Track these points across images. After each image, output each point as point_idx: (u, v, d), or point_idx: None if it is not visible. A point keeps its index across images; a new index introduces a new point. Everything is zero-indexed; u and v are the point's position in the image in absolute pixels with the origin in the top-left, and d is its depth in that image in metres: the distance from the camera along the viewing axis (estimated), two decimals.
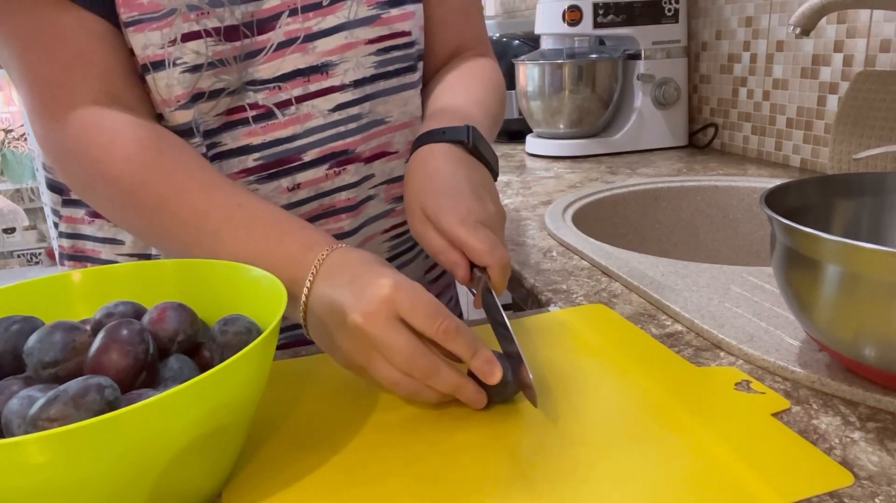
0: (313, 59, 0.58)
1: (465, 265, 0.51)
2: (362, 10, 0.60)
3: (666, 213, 1.05)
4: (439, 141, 0.56)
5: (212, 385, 0.34)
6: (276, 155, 0.59)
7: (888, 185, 0.54)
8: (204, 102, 0.55)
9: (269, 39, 0.56)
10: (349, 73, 0.60)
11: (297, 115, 0.59)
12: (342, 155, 0.61)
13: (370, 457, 0.42)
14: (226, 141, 0.58)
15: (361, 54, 0.60)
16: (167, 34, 0.52)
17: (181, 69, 0.53)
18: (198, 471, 0.36)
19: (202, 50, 0.53)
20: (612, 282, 0.68)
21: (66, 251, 0.66)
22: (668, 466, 0.39)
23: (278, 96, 0.58)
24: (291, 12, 0.57)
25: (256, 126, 0.58)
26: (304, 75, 0.58)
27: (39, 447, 0.29)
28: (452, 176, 0.53)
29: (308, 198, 0.61)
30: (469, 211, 0.50)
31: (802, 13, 0.67)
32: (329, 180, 0.61)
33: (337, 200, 0.62)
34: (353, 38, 0.60)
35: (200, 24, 0.53)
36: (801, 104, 1.13)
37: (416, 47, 0.65)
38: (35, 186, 3.87)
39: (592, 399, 0.46)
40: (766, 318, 0.55)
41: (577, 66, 1.32)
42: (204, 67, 0.54)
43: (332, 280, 0.46)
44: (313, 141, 0.60)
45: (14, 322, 0.41)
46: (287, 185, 0.60)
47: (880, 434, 0.41)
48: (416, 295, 0.43)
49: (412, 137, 0.67)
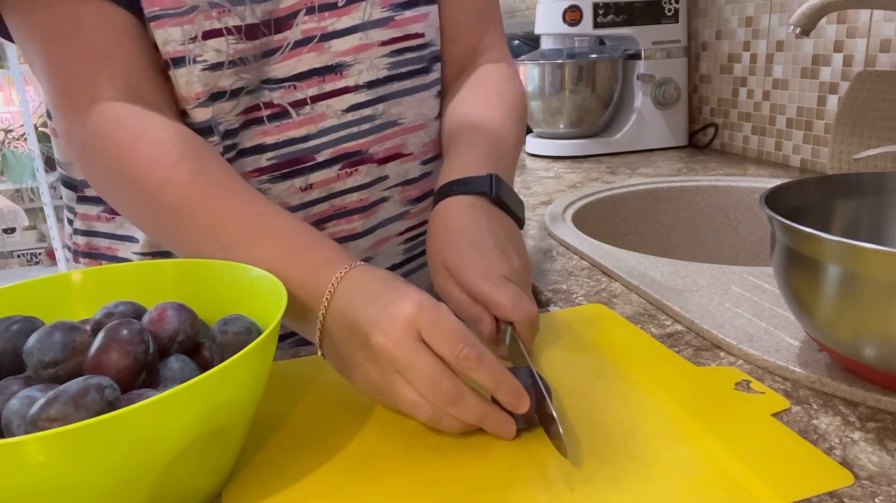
0: (328, 59, 0.58)
1: (491, 320, 0.49)
2: (376, 11, 0.60)
3: (666, 213, 1.05)
4: (461, 193, 0.55)
5: (212, 385, 0.34)
6: (290, 154, 0.59)
7: (888, 185, 0.54)
8: (226, 101, 0.55)
9: (285, 38, 0.56)
10: (363, 74, 0.60)
11: (312, 115, 0.59)
12: (355, 156, 0.61)
13: (370, 457, 0.42)
14: (241, 140, 0.57)
15: (375, 56, 0.60)
16: (188, 31, 0.51)
17: (201, 66, 0.52)
18: (198, 471, 0.36)
19: (223, 48, 0.53)
20: (612, 282, 0.68)
21: (81, 248, 0.66)
22: (667, 466, 0.39)
23: (293, 95, 0.58)
24: (308, 10, 0.56)
25: (271, 125, 0.58)
26: (320, 75, 0.58)
27: (39, 447, 0.29)
28: (475, 230, 0.52)
29: (320, 198, 0.61)
30: (493, 266, 0.50)
31: (802, 13, 0.67)
32: (341, 180, 0.61)
33: (349, 201, 0.62)
34: (367, 40, 0.59)
35: (222, 22, 0.52)
36: (801, 104, 1.13)
37: (430, 49, 0.64)
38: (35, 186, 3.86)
39: (592, 399, 0.46)
40: (766, 318, 0.55)
41: (577, 66, 1.32)
42: (225, 66, 0.53)
43: (352, 298, 0.44)
44: (327, 141, 0.60)
45: (14, 322, 0.41)
46: (300, 184, 0.60)
47: (880, 434, 0.41)
48: (438, 317, 0.41)
49: (427, 139, 0.67)
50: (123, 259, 0.63)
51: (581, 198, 0.98)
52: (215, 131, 0.55)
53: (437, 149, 0.69)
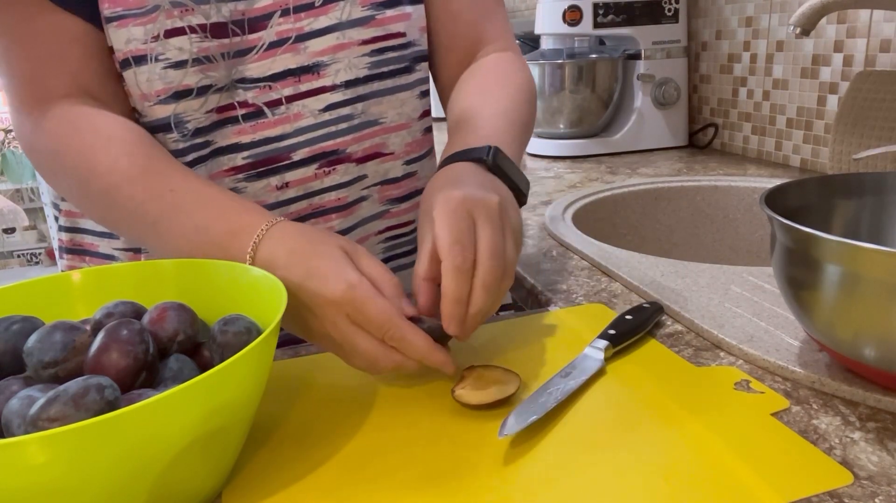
0: (304, 60, 0.58)
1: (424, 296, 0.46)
2: (356, 10, 0.59)
3: (666, 213, 1.05)
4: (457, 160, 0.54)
5: (212, 385, 0.34)
6: (265, 153, 0.59)
7: (888, 185, 0.54)
8: (193, 99, 0.55)
9: (260, 38, 0.57)
10: (341, 74, 0.60)
11: (287, 115, 0.59)
12: (332, 155, 0.61)
13: (370, 457, 0.42)
14: (216, 139, 0.58)
15: (354, 55, 0.60)
16: (150, 29, 0.52)
17: (164, 64, 0.54)
18: (198, 471, 0.36)
19: (186, 46, 0.54)
20: (612, 282, 0.68)
21: (65, 244, 0.67)
22: (667, 466, 0.39)
23: (268, 95, 0.58)
24: (284, 12, 0.57)
25: (246, 124, 0.58)
26: (295, 75, 0.58)
27: (39, 447, 0.29)
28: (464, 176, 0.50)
29: (297, 196, 0.61)
30: (464, 197, 0.46)
31: (802, 13, 0.67)
32: (318, 179, 0.61)
33: (326, 200, 0.62)
34: (345, 39, 0.59)
35: (184, 21, 0.53)
36: (801, 104, 1.13)
37: (413, 48, 0.64)
38: (35, 186, 3.87)
39: (592, 399, 0.46)
40: (766, 318, 0.55)
41: (577, 66, 1.32)
42: (188, 64, 0.54)
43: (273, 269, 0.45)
44: (303, 140, 0.60)
45: (14, 322, 0.41)
46: (276, 183, 0.60)
47: (880, 434, 0.41)
48: (363, 303, 0.43)
49: (409, 139, 0.67)
50: (106, 255, 0.65)
51: (581, 198, 0.98)
52: (176, 128, 0.56)
53: (420, 148, 0.68)
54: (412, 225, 0.69)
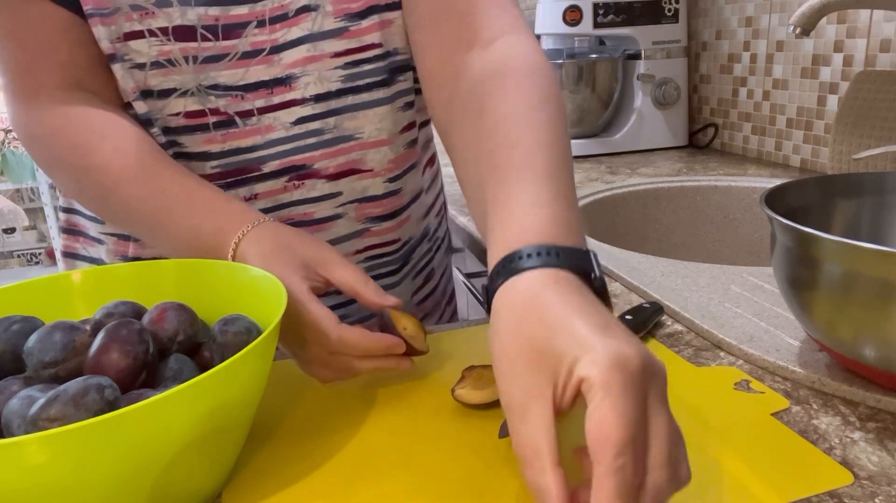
0: (278, 72, 0.57)
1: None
2: (328, 21, 0.57)
3: (666, 213, 1.05)
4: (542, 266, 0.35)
5: (212, 385, 0.34)
6: (235, 164, 0.58)
7: (888, 185, 0.54)
8: (156, 100, 0.56)
9: (234, 46, 0.56)
10: (311, 87, 0.58)
11: (259, 126, 0.58)
12: (302, 169, 0.60)
13: (369, 457, 0.42)
14: (186, 144, 0.57)
15: (326, 68, 0.58)
16: (113, 31, 0.53)
17: (129, 65, 0.54)
18: (198, 471, 0.36)
19: (145, 49, 0.54)
20: (612, 282, 0.68)
21: (63, 224, 0.69)
22: None
23: (241, 105, 0.57)
24: (259, 23, 0.55)
25: (216, 133, 0.57)
26: (268, 87, 0.57)
27: (39, 447, 0.29)
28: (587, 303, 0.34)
29: (266, 209, 0.59)
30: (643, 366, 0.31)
31: (802, 13, 0.67)
32: (287, 192, 0.60)
33: (295, 213, 0.60)
34: (315, 52, 0.57)
35: (143, 24, 0.53)
36: (801, 104, 1.13)
37: (391, 59, 0.60)
38: (35, 186, 3.87)
39: None
40: (766, 318, 0.55)
41: (577, 66, 1.32)
42: (147, 67, 0.54)
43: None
44: (273, 153, 0.58)
45: (14, 322, 0.41)
46: (244, 194, 0.59)
47: (880, 434, 0.41)
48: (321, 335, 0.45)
49: (392, 155, 0.63)
50: (95, 238, 0.65)
51: (581, 198, 0.98)
52: (154, 125, 0.56)
53: (404, 163, 0.64)
54: (395, 244, 0.66)
